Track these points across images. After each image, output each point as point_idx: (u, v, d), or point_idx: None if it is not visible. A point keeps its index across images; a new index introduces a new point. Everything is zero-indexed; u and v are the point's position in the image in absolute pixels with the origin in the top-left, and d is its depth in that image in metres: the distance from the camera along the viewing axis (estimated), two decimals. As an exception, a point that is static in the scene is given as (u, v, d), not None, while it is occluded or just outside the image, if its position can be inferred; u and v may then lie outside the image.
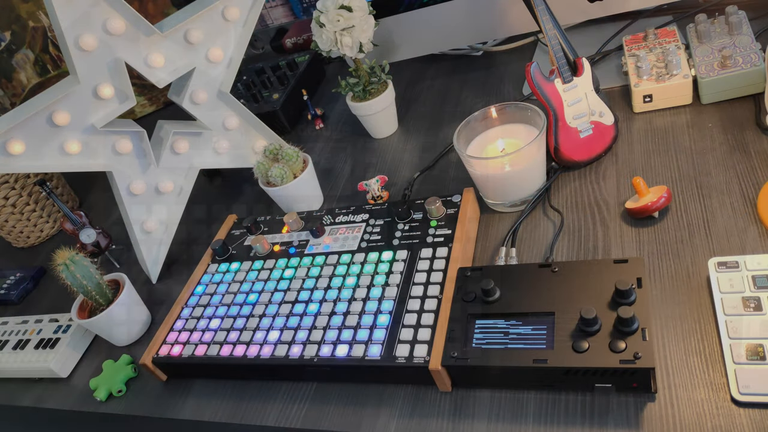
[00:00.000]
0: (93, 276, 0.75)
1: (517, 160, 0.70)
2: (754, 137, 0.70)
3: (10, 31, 1.27)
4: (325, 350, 0.62)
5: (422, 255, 0.68)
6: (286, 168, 0.84)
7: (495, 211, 0.76)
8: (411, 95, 1.07)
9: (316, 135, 1.08)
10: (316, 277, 0.71)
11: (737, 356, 0.50)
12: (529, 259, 0.68)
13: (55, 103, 0.73)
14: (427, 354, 0.58)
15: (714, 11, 0.83)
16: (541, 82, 0.72)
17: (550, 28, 0.71)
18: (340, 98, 1.14)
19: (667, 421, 0.50)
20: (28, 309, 0.97)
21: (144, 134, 0.82)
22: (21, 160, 0.74)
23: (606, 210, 0.70)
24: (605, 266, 0.58)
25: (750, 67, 0.72)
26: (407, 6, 0.96)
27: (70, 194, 1.17)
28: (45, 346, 0.82)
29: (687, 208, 0.66)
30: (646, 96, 0.79)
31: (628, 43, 0.86)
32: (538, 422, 0.54)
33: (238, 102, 0.88)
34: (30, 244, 1.12)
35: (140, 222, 0.86)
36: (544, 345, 0.54)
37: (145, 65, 0.78)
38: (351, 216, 0.78)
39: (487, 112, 0.76)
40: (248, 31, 0.85)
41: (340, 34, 0.86)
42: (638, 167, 0.73)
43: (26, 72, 1.32)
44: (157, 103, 1.42)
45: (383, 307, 0.64)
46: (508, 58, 1.05)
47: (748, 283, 0.54)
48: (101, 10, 0.72)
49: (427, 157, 0.90)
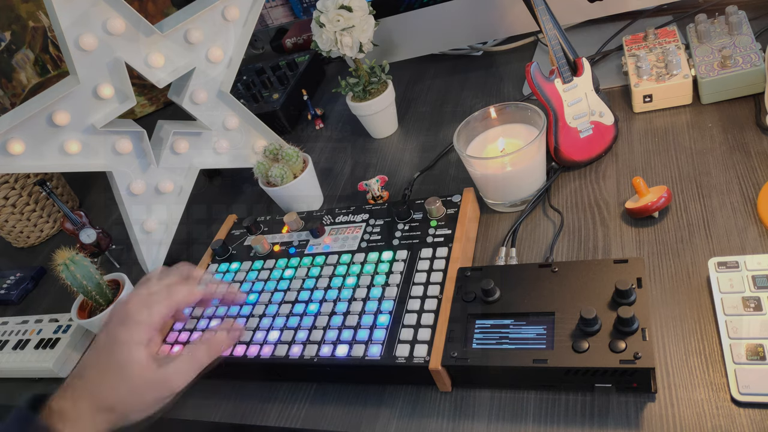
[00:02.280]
0: (93, 276, 0.75)
1: (517, 160, 0.70)
2: (754, 137, 0.70)
3: (10, 31, 1.27)
4: (325, 350, 0.62)
5: (422, 255, 0.68)
6: (286, 168, 0.84)
7: (495, 211, 0.76)
8: (411, 95, 1.07)
9: (316, 135, 1.08)
10: (316, 277, 0.71)
11: (737, 356, 0.50)
12: (529, 259, 0.68)
13: (55, 103, 0.73)
14: (427, 354, 0.58)
15: (714, 11, 0.83)
16: (541, 82, 0.72)
17: (550, 28, 0.71)
18: (340, 98, 1.14)
19: (667, 421, 0.50)
20: (28, 309, 0.97)
21: (144, 134, 0.82)
22: (21, 160, 0.74)
23: (606, 210, 0.70)
24: (605, 266, 0.58)
25: (750, 67, 0.72)
26: (407, 6, 0.96)
27: (70, 194, 1.17)
28: (45, 346, 0.82)
29: (687, 208, 0.66)
30: (646, 96, 0.79)
31: (628, 43, 0.86)
32: (538, 422, 0.54)
33: (238, 102, 0.88)
34: (30, 244, 1.12)
35: (140, 222, 0.86)
36: (544, 345, 0.54)
37: (145, 65, 0.78)
38: (351, 216, 0.78)
39: (487, 112, 0.76)
40: (248, 31, 0.85)
41: (340, 34, 0.86)
42: (638, 167, 0.73)
43: (26, 72, 1.32)
44: (157, 103, 1.42)
45: (383, 307, 0.64)
46: (508, 58, 1.05)
47: (748, 283, 0.54)
48: (101, 10, 0.72)
49: (427, 157, 0.90)
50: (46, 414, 0.49)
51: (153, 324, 0.52)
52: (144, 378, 0.51)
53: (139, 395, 0.51)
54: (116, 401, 0.51)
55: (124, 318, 0.52)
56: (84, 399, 0.50)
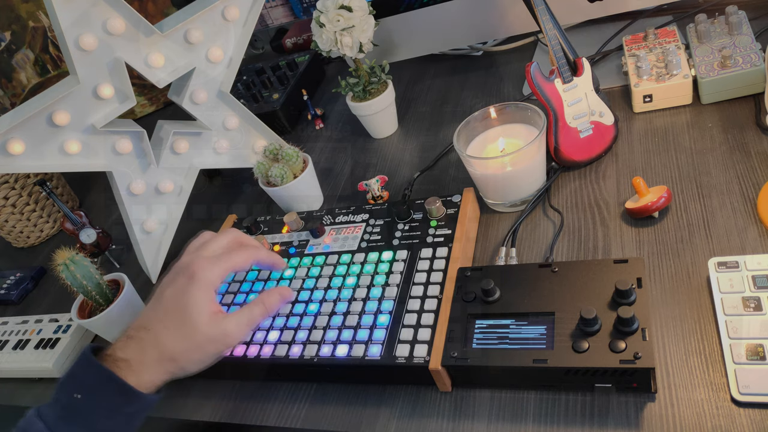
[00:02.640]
0: (93, 276, 0.75)
1: (517, 160, 0.70)
2: (754, 137, 0.70)
3: (10, 31, 1.27)
4: (325, 350, 0.62)
5: (422, 255, 0.68)
6: (286, 168, 0.84)
7: (495, 211, 0.76)
8: (411, 95, 1.07)
9: (316, 135, 1.08)
10: (316, 277, 0.71)
11: (737, 356, 0.50)
12: (529, 259, 0.68)
13: (55, 103, 0.73)
14: (427, 354, 0.58)
15: (714, 11, 0.83)
16: (541, 82, 0.72)
17: (550, 28, 0.71)
18: (340, 98, 1.14)
19: (667, 421, 0.50)
20: (28, 309, 0.97)
21: (144, 134, 0.82)
22: (21, 160, 0.74)
23: (606, 210, 0.70)
24: (605, 266, 0.58)
25: (750, 67, 0.72)
26: (407, 6, 0.96)
27: (70, 194, 1.17)
28: (45, 346, 0.82)
29: (687, 208, 0.66)
30: (646, 96, 0.79)
31: (628, 43, 0.86)
32: (538, 422, 0.54)
33: (238, 102, 0.88)
34: (30, 244, 1.12)
35: (140, 222, 0.85)
36: (544, 345, 0.54)
37: (145, 65, 0.78)
38: (351, 216, 0.78)
39: (487, 112, 0.76)
40: (248, 31, 0.85)
41: (340, 34, 0.86)
42: (638, 167, 0.73)
43: (26, 72, 1.32)
44: (157, 103, 1.42)
45: (383, 307, 0.64)
46: (508, 58, 1.05)
47: (748, 283, 0.54)
48: (101, 10, 0.72)
49: (427, 157, 0.90)
50: (109, 363, 0.53)
51: (216, 284, 0.56)
52: (207, 333, 0.54)
53: (201, 348, 0.55)
54: (180, 353, 0.54)
55: (191, 276, 0.55)
56: (151, 350, 0.54)
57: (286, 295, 0.60)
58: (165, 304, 0.56)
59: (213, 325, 0.54)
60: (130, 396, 0.52)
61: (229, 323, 0.55)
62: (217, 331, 0.55)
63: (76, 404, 0.51)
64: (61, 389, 0.53)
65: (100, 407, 0.52)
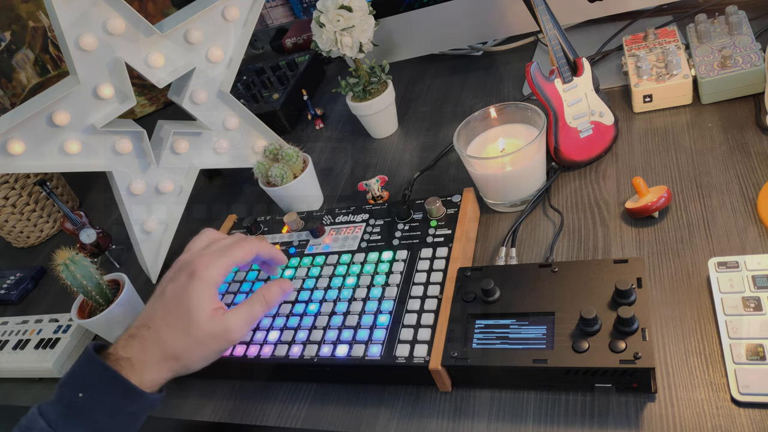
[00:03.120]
0: (93, 276, 0.75)
1: (517, 160, 0.70)
2: (754, 137, 0.70)
3: (10, 31, 1.27)
4: (325, 350, 0.62)
5: (422, 255, 0.68)
6: (286, 168, 0.84)
7: (495, 211, 0.76)
8: (411, 95, 1.07)
9: (316, 135, 1.08)
10: (316, 277, 0.71)
11: (737, 356, 0.50)
12: (529, 259, 0.68)
13: (55, 103, 0.73)
14: (427, 354, 0.58)
15: (714, 11, 0.83)
16: (541, 82, 0.72)
17: (550, 28, 0.71)
18: (340, 98, 1.14)
19: (667, 421, 0.50)
20: (28, 309, 0.97)
21: (144, 134, 0.82)
22: (21, 160, 0.74)
23: (606, 210, 0.70)
24: (605, 266, 0.58)
25: (750, 67, 0.72)
26: (407, 6, 0.96)
27: (70, 194, 1.17)
28: (45, 346, 0.82)
29: (687, 208, 0.66)
30: (646, 96, 0.79)
31: (628, 43, 0.86)
32: (538, 422, 0.54)
33: (238, 102, 0.88)
34: (30, 244, 1.12)
35: (140, 222, 0.86)
36: (544, 345, 0.54)
37: (145, 65, 0.78)
38: (351, 216, 0.78)
39: (487, 112, 0.76)
40: (248, 31, 0.85)
41: (340, 34, 0.86)
42: (638, 167, 0.73)
43: (26, 72, 1.32)
44: (157, 103, 1.42)
45: (383, 307, 0.64)
46: (508, 58, 1.05)
47: (748, 283, 0.54)
48: (101, 10, 0.72)
49: (427, 157, 0.90)
50: (112, 362, 0.53)
51: (218, 281, 0.56)
52: (209, 330, 0.54)
53: (203, 345, 0.55)
54: (182, 351, 0.54)
55: (193, 273, 0.55)
56: (153, 348, 0.54)
57: (286, 287, 0.60)
58: (166, 302, 0.56)
59: (215, 322, 0.54)
60: (132, 395, 0.52)
61: (231, 319, 0.55)
62: (219, 327, 0.54)
63: (78, 403, 0.51)
64: (63, 388, 0.53)
65: (103, 406, 0.52)
